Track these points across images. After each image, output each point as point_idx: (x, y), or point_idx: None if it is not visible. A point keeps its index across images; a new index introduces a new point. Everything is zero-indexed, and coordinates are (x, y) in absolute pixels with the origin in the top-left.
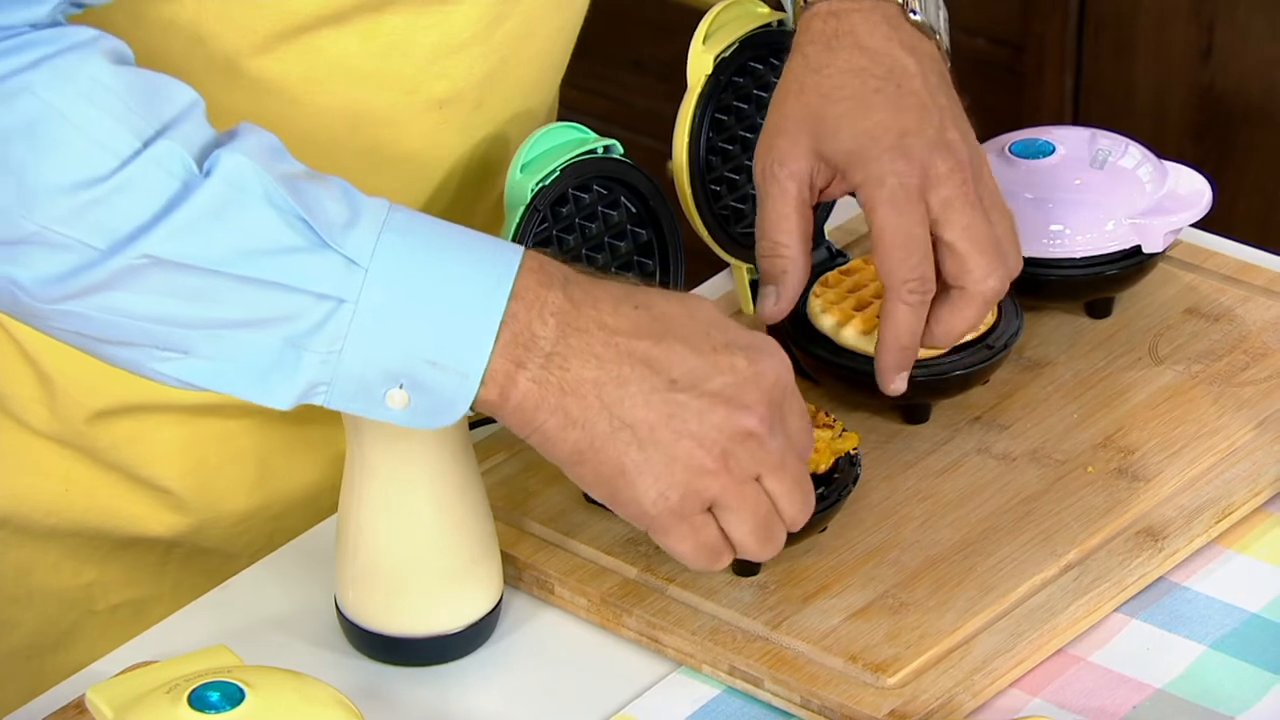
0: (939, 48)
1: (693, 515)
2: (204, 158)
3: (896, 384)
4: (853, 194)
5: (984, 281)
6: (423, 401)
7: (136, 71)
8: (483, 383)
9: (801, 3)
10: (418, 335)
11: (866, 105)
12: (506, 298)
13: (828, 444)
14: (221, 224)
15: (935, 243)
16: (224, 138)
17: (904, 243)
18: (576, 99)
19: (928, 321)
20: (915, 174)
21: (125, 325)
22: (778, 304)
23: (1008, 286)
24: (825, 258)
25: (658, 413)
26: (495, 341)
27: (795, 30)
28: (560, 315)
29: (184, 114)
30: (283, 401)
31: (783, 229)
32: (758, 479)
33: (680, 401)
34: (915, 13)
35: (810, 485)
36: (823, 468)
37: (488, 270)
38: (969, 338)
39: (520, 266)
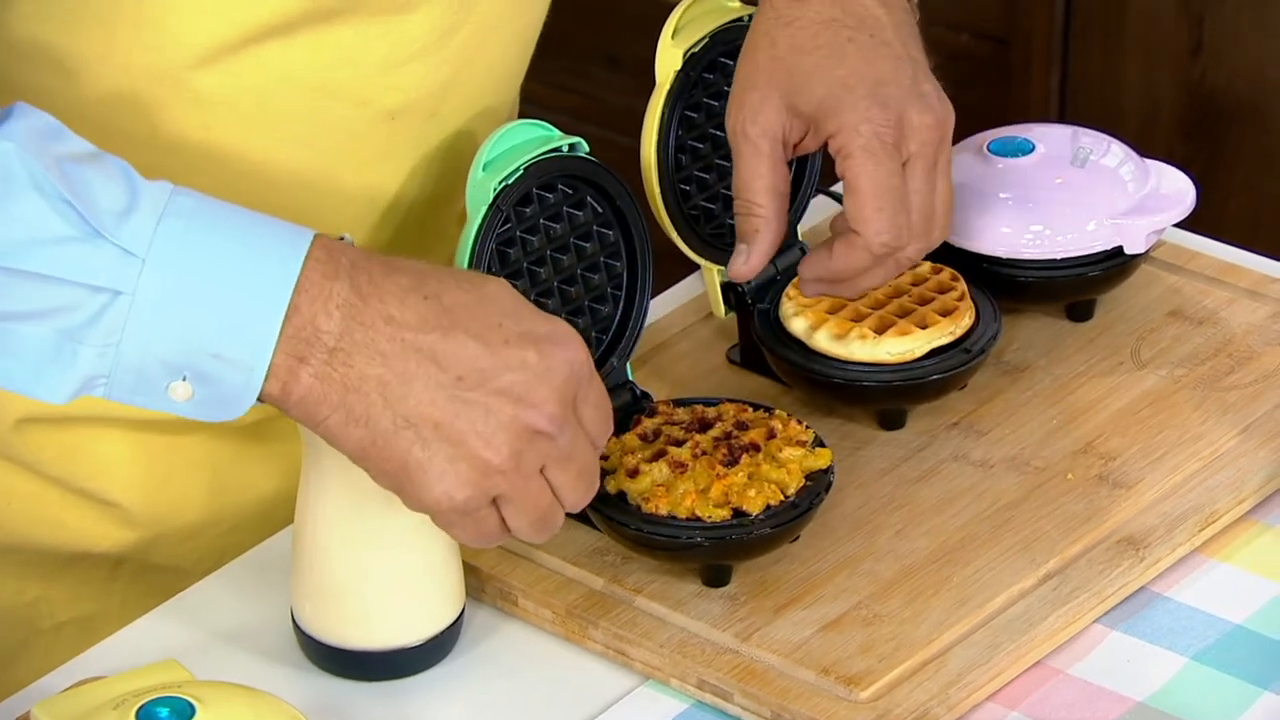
0: (909, 1)
1: (477, 511)
2: None
3: (809, 294)
4: (827, 154)
5: (877, 238)
6: (207, 394)
7: None
8: (265, 377)
9: None
10: (199, 327)
11: (840, 54)
12: (291, 289)
13: (799, 462)
14: None
15: None
16: None
17: (881, 193)
18: (547, 96)
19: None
20: (891, 122)
21: None
22: (748, 263)
23: (920, 257)
24: (798, 258)
25: (442, 411)
26: (279, 335)
27: None
28: (345, 309)
29: None
30: (58, 395)
31: (756, 187)
32: (542, 470)
33: (466, 399)
34: None
35: (596, 471)
36: (792, 489)
37: (273, 260)
38: (944, 341)
39: (307, 256)
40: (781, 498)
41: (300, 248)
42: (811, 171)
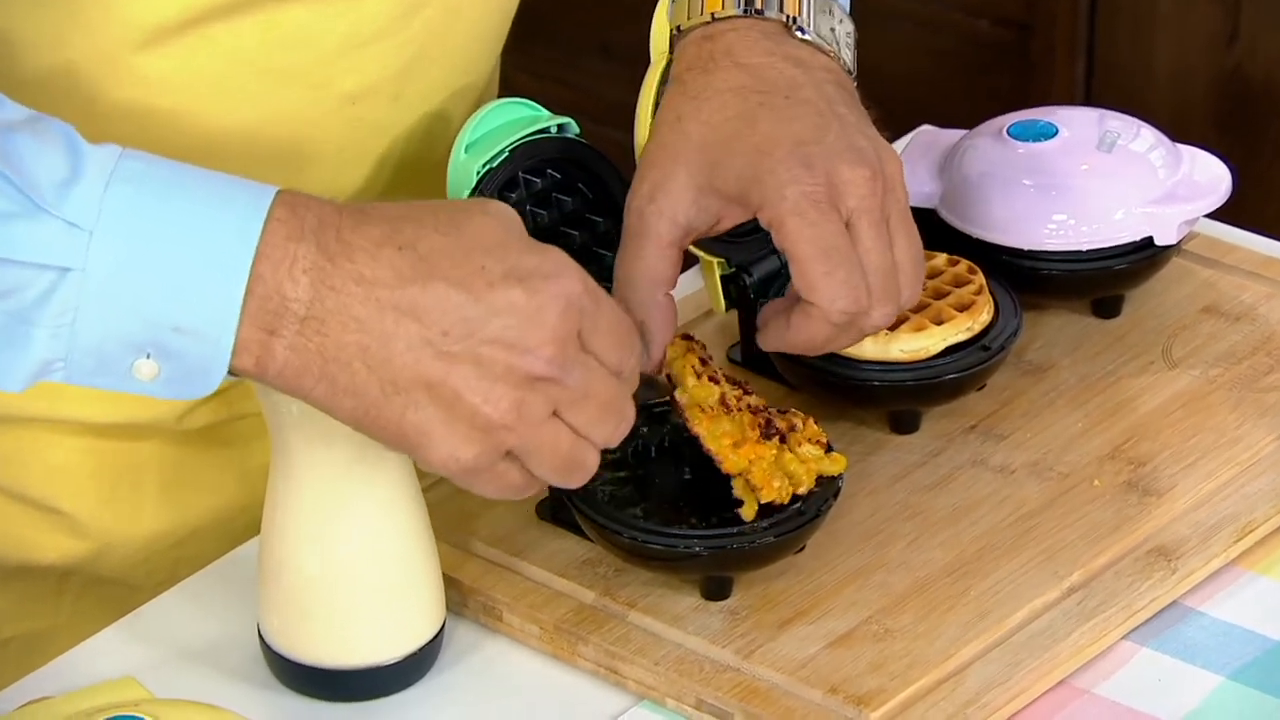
0: (838, 63)
1: (491, 467)
2: None
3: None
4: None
5: (833, 305)
6: (173, 370)
7: None
8: (235, 352)
9: (674, 30)
10: (156, 300)
11: (752, 120)
12: (252, 254)
13: (816, 462)
14: None
15: None
16: None
17: (824, 255)
18: (536, 89)
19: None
20: (820, 181)
21: None
22: (651, 359)
23: (890, 320)
24: None
25: (430, 370)
26: (242, 306)
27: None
28: (313, 272)
29: None
30: (12, 383)
31: (644, 279)
32: (557, 413)
33: (455, 354)
34: (804, 31)
35: (626, 400)
36: (804, 488)
37: (230, 221)
38: (961, 338)
39: (268, 216)
40: (789, 496)
41: (261, 207)
42: None
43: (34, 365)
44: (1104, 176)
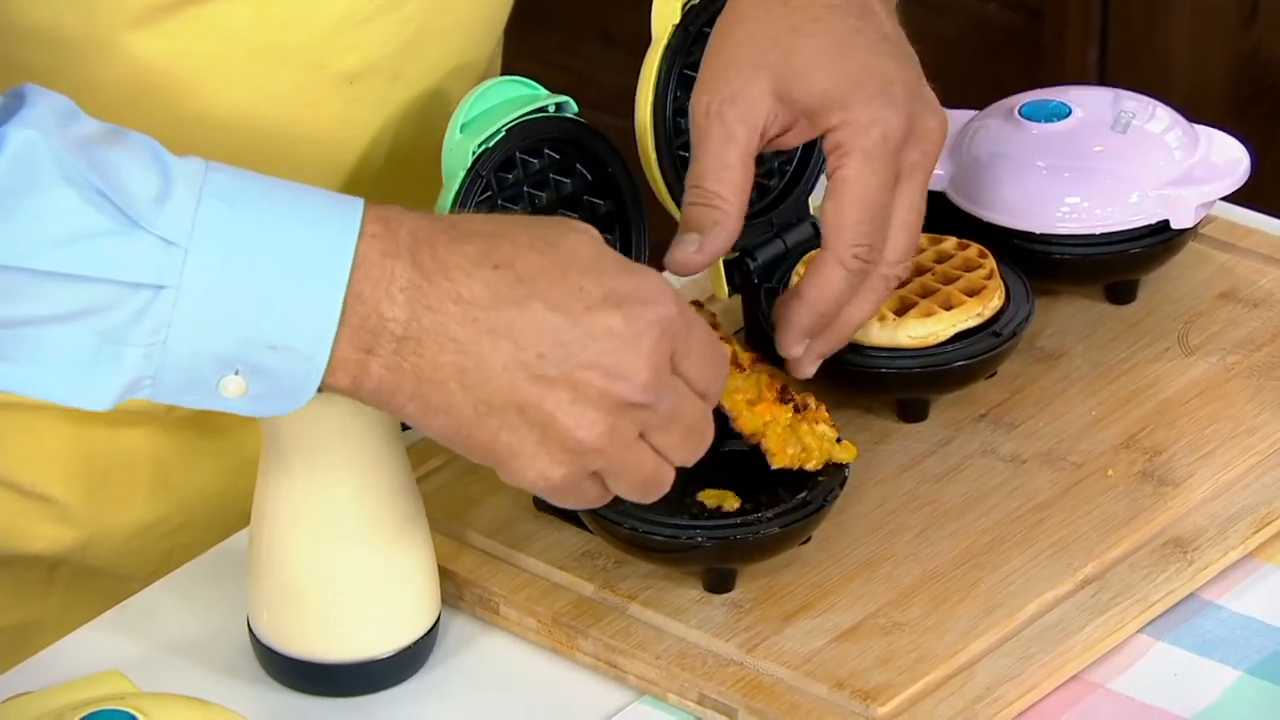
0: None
1: (577, 485)
2: None
3: (796, 350)
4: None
5: (850, 249)
6: (263, 388)
7: None
8: (330, 370)
9: None
10: (251, 318)
11: (847, 44)
12: (348, 271)
13: (827, 443)
14: (15, 213)
15: None
16: (11, 104)
17: (868, 202)
18: (536, 74)
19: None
20: (898, 127)
21: None
22: (700, 253)
23: (893, 284)
24: (810, 235)
25: (526, 393)
26: (340, 323)
27: None
28: (410, 291)
29: None
30: (100, 402)
31: (724, 180)
32: (643, 435)
33: (551, 379)
34: None
35: (709, 422)
36: (812, 465)
37: (323, 237)
38: (971, 324)
39: (360, 232)
40: (799, 465)
41: (352, 221)
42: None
43: (123, 384)
44: (1118, 158)
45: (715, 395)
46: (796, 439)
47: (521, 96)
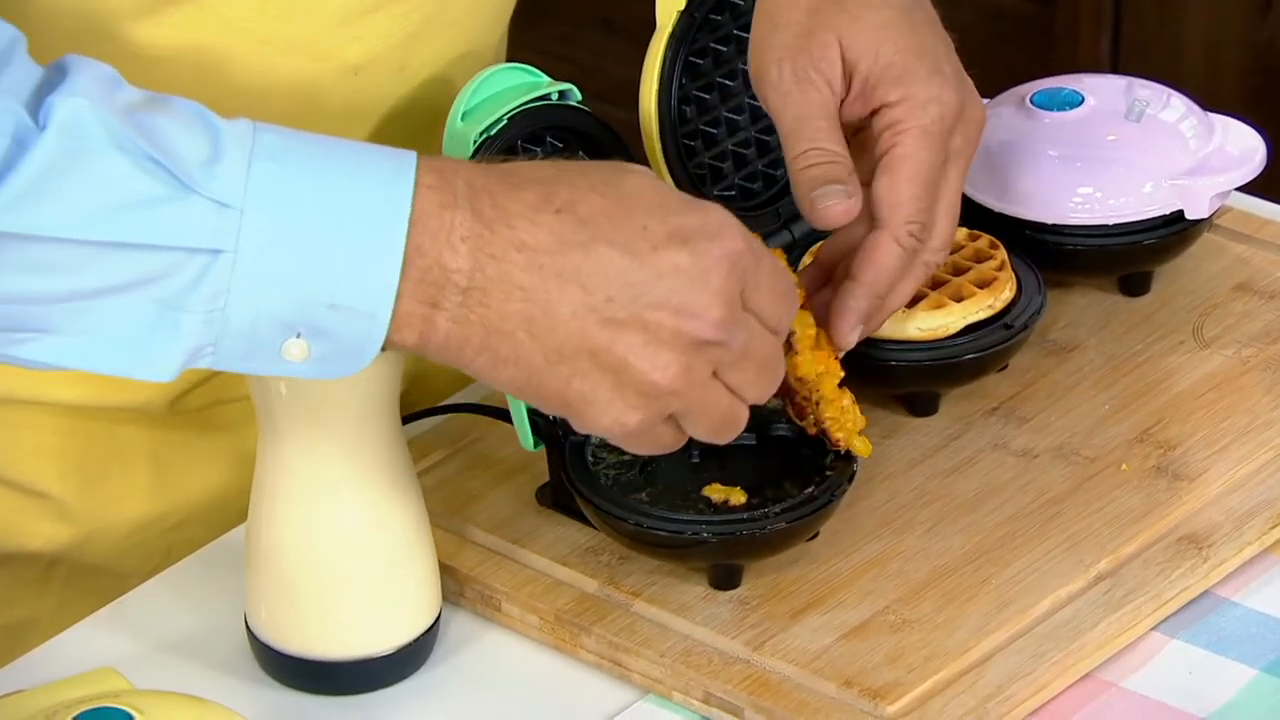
0: None
1: (652, 430)
2: (37, 106)
3: (851, 339)
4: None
5: (906, 225)
6: (326, 349)
7: None
8: (395, 327)
9: None
10: (312, 277)
11: (906, 22)
12: (405, 224)
13: (862, 424)
14: (67, 183)
15: None
16: (54, 77)
17: (924, 179)
18: (537, 65)
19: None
20: (955, 107)
21: None
22: (852, 199)
23: (931, 269)
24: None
25: (596, 338)
26: (401, 277)
27: None
28: (471, 240)
29: (5, 56)
30: (164, 373)
31: (836, 139)
32: (716, 373)
33: (621, 321)
34: None
35: (780, 358)
36: (841, 436)
37: (378, 191)
38: (982, 316)
39: (416, 184)
40: (834, 435)
41: (406, 174)
42: None
43: (184, 353)
44: (1132, 147)
45: (785, 330)
46: (843, 400)
47: (524, 84)
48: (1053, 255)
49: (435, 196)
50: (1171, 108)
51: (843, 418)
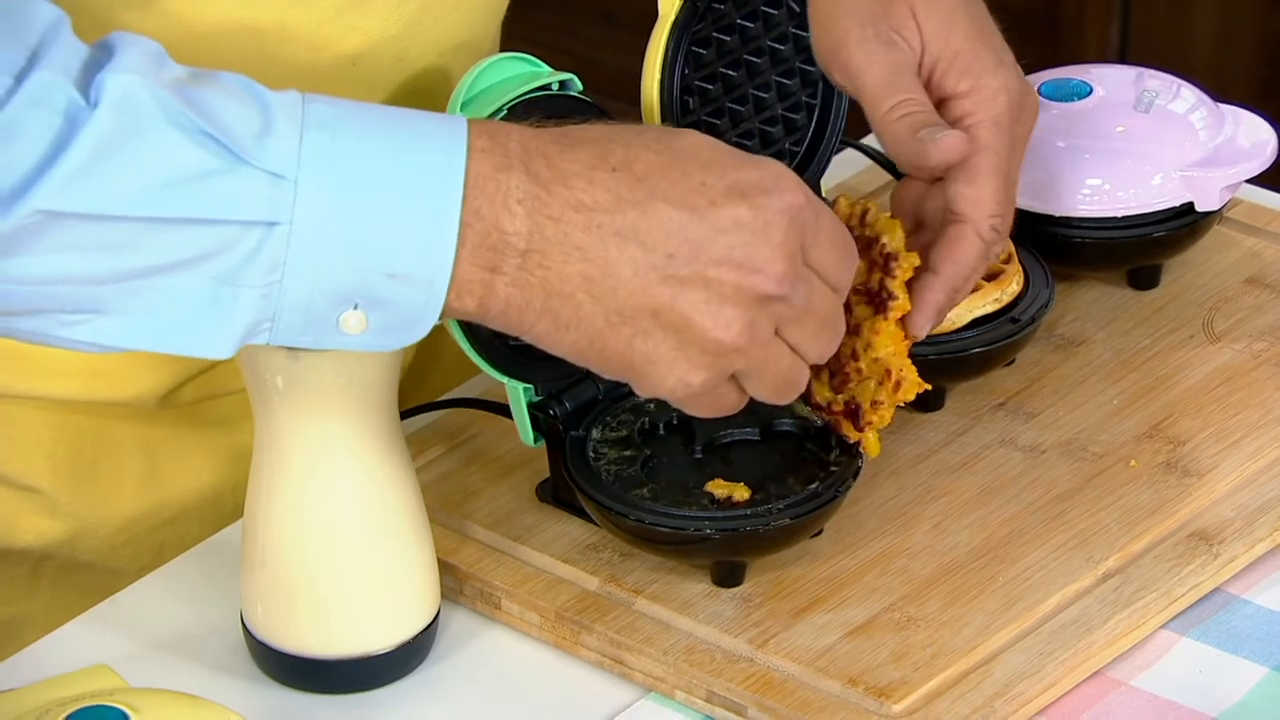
0: None
1: (715, 389)
2: (86, 83)
3: (925, 332)
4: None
5: (989, 220)
6: (384, 319)
7: None
8: (455, 293)
9: None
10: (368, 247)
11: (971, 11)
12: (460, 189)
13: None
14: (120, 161)
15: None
16: (100, 55)
17: (1004, 171)
18: (535, 56)
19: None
20: (1020, 96)
21: (24, 293)
22: (951, 137)
23: (993, 260)
24: None
25: (658, 296)
26: (459, 242)
27: None
28: (529, 203)
29: (51, 34)
30: (221, 350)
31: (921, 90)
32: (777, 331)
33: (683, 278)
34: None
35: (840, 315)
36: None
37: (431, 157)
38: (988, 310)
39: (469, 148)
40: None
41: (458, 138)
42: (838, 117)
43: (242, 329)
44: (1141, 138)
45: (845, 287)
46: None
47: (524, 74)
48: (1060, 248)
49: (489, 159)
50: (1181, 98)
51: (883, 409)
